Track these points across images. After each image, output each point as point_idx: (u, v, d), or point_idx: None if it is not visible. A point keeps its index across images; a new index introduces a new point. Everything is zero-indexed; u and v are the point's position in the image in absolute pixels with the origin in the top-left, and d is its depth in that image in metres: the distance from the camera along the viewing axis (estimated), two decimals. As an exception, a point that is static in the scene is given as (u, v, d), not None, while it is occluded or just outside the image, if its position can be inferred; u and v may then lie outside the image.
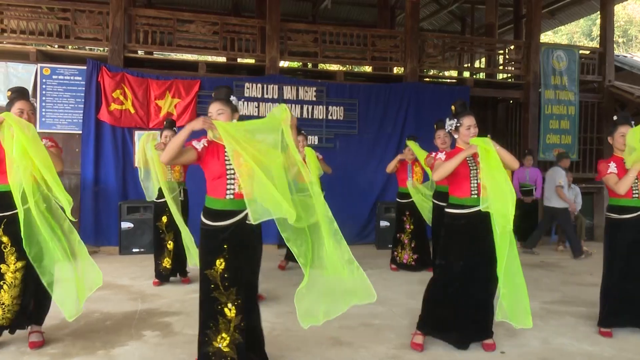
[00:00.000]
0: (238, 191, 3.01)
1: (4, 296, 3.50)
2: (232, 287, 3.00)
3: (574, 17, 13.08)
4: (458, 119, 3.76)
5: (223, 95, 3.14)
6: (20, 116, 3.53)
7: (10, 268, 3.52)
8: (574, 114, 9.72)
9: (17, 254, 3.51)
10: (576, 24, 22.19)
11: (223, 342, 2.99)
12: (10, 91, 3.65)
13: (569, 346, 3.92)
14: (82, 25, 7.71)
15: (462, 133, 3.76)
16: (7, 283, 3.51)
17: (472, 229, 3.68)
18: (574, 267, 7.03)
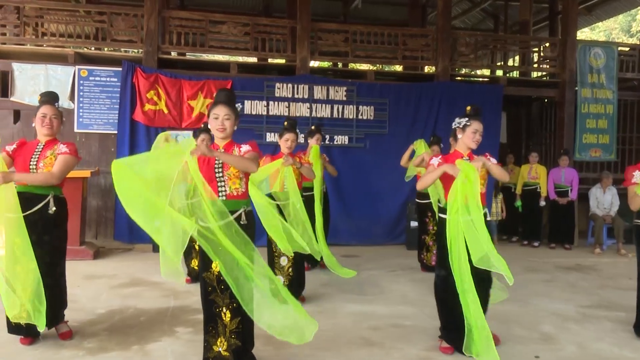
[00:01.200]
0: (229, 192, 3.07)
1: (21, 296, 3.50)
2: (227, 290, 2.98)
3: (613, 12, 12.72)
4: (469, 119, 3.71)
5: (230, 99, 3.12)
6: (43, 120, 3.66)
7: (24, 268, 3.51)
8: (612, 113, 9.44)
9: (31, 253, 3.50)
10: (614, 20, 21.58)
11: (222, 345, 3.02)
12: (40, 95, 3.78)
13: (607, 352, 3.80)
14: (117, 27, 7.89)
15: (466, 134, 3.71)
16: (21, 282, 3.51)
17: None
18: (612, 271, 6.83)
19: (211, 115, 3.10)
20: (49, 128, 3.70)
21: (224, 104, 3.08)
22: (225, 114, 3.07)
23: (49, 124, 3.69)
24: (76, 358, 3.47)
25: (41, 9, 7.73)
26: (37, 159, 3.63)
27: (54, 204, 3.64)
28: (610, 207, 8.37)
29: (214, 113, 3.08)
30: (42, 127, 3.68)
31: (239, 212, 3.08)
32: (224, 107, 3.07)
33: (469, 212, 3.45)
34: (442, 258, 3.70)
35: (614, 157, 9.51)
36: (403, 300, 5.13)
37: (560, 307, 4.89)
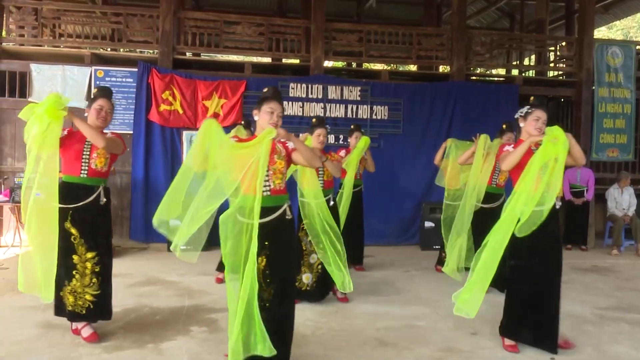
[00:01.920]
0: (273, 187, 3.06)
1: (77, 284, 3.69)
2: (272, 285, 3.00)
3: (630, 11, 12.52)
4: (531, 107, 3.71)
5: (280, 96, 3.16)
6: (99, 112, 3.75)
7: (81, 258, 3.70)
8: (630, 113, 9.30)
9: (87, 245, 3.70)
10: (632, 18, 21.27)
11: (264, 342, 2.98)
12: (96, 88, 3.91)
13: (625, 355, 3.75)
14: (133, 28, 7.96)
15: (528, 122, 3.69)
16: (80, 272, 3.69)
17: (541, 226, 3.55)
18: (630, 272, 6.73)
19: (265, 109, 3.09)
20: (104, 120, 3.80)
21: (278, 101, 3.12)
22: (280, 110, 3.11)
23: (104, 117, 3.79)
24: (92, 356, 3.51)
25: (58, 10, 7.83)
26: (90, 149, 3.75)
27: (103, 195, 3.79)
28: (628, 208, 8.26)
29: (269, 107, 3.08)
30: (98, 118, 3.76)
31: (283, 207, 3.09)
32: (279, 104, 3.11)
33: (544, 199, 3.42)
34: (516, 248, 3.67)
35: (631, 157, 9.38)
36: (417, 300, 5.11)
37: (577, 309, 4.84)
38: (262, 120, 3.10)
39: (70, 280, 3.70)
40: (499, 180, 5.42)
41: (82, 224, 3.69)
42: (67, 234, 3.68)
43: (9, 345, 3.65)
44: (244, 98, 7.90)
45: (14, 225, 7.36)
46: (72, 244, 3.69)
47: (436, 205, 8.13)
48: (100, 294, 3.75)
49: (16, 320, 4.20)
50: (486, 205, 5.33)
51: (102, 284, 3.76)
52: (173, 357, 3.54)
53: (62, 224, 3.65)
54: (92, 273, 3.72)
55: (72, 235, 3.69)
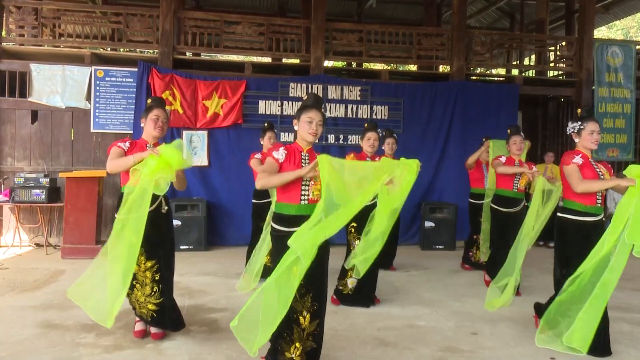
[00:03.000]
0: (312, 197, 3.03)
1: (138, 294, 3.70)
2: (308, 294, 2.97)
3: (631, 11, 12.54)
4: (582, 122, 3.71)
5: (321, 105, 3.11)
6: (156, 122, 3.73)
7: (140, 267, 3.67)
8: (630, 112, 9.31)
9: (146, 254, 3.67)
10: (632, 18, 21.27)
11: (296, 351, 2.98)
12: (150, 99, 3.90)
13: (625, 354, 3.75)
14: (133, 28, 7.96)
15: (584, 137, 3.72)
16: (140, 282, 3.68)
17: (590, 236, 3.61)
18: (629, 272, 6.69)
19: (304, 118, 3.05)
20: (161, 130, 3.78)
21: (318, 109, 3.08)
22: (319, 119, 3.07)
23: (161, 127, 3.78)
24: (92, 356, 3.51)
25: (58, 10, 7.83)
26: None
27: (165, 204, 3.82)
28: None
29: (308, 116, 3.05)
30: (155, 128, 3.74)
31: None
32: (318, 112, 3.08)
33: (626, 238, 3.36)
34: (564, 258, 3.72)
35: (631, 156, 9.39)
36: (417, 300, 5.11)
37: (577, 309, 4.82)
38: (302, 130, 3.08)
39: (132, 289, 3.69)
40: (520, 185, 5.39)
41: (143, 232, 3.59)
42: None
43: (10, 345, 3.65)
44: (244, 98, 7.91)
45: (14, 225, 7.37)
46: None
47: (436, 205, 8.15)
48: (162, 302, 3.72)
49: (17, 320, 4.20)
50: (507, 209, 5.30)
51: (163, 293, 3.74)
52: (173, 357, 3.54)
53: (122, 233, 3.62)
54: (152, 282, 3.70)
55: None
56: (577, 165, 3.68)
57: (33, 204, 7.08)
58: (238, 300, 4.92)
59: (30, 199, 6.96)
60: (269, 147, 5.40)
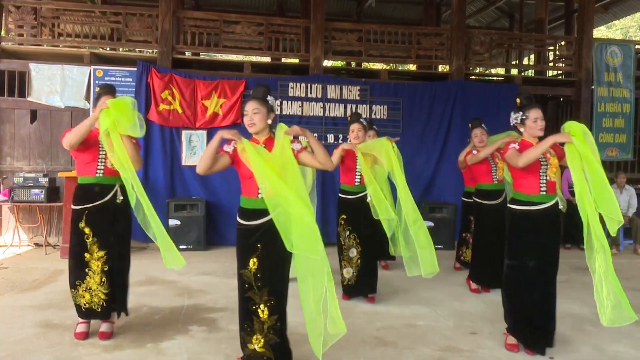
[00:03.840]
0: None
1: (90, 281, 3.73)
2: (264, 288, 2.98)
3: (630, 10, 12.53)
4: (524, 111, 3.68)
5: (260, 94, 3.12)
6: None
7: (93, 256, 3.73)
8: (629, 112, 9.31)
9: (99, 243, 3.73)
10: (631, 17, 21.26)
11: (258, 343, 3.00)
12: (99, 87, 3.90)
13: (624, 354, 3.76)
14: (132, 28, 7.95)
15: (528, 126, 3.68)
16: (92, 270, 3.73)
17: (540, 225, 3.60)
18: (628, 271, 6.74)
19: (244, 112, 3.14)
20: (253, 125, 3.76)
21: (253, 99, 3.11)
22: (253, 108, 3.08)
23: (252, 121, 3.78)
24: (92, 355, 3.51)
25: (58, 9, 7.82)
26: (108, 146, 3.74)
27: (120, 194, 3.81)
28: (627, 208, 8.27)
29: (245, 110, 3.12)
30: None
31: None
32: (252, 102, 3.10)
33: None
34: (512, 249, 3.71)
35: (630, 156, 9.39)
36: (417, 300, 5.11)
37: (576, 309, 4.84)
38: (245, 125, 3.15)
39: (83, 279, 3.74)
40: (498, 175, 5.44)
41: (97, 223, 3.72)
42: (81, 233, 3.71)
43: (9, 345, 3.65)
44: (244, 97, 7.89)
45: (13, 225, 7.36)
46: (85, 243, 3.72)
47: (435, 205, 8.15)
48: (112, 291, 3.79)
49: (16, 319, 4.20)
50: (488, 202, 5.38)
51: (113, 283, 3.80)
52: (173, 356, 3.55)
53: (77, 225, 3.71)
54: (102, 272, 3.74)
55: (86, 234, 3.72)
56: (514, 149, 3.65)
57: (32, 204, 7.08)
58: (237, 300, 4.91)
59: (30, 199, 6.96)
60: None
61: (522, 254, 3.66)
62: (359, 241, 4.87)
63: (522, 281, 3.66)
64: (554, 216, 3.66)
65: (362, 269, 4.89)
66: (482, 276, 5.45)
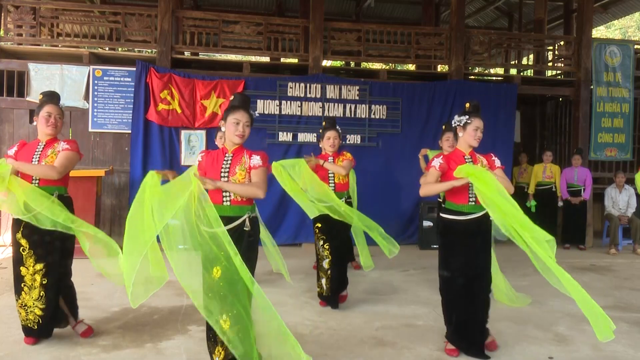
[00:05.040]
0: (233, 198, 3.05)
1: (25, 297, 3.56)
2: (228, 297, 2.91)
3: (629, 10, 12.55)
4: (469, 116, 3.62)
5: (249, 105, 3.13)
6: (48, 119, 3.61)
7: (29, 270, 3.54)
8: (628, 112, 9.32)
9: (36, 256, 3.54)
10: (630, 17, 21.30)
11: (220, 355, 2.96)
12: (41, 94, 3.71)
13: (623, 354, 3.76)
14: (131, 28, 7.95)
15: (468, 132, 3.62)
16: (28, 285, 3.55)
17: (469, 236, 3.57)
18: (628, 271, 6.74)
19: (230, 120, 3.06)
20: (54, 127, 3.64)
21: (245, 110, 3.08)
22: (246, 120, 3.07)
23: (54, 124, 3.63)
24: (90, 355, 3.51)
25: (57, 9, 7.82)
26: (39, 158, 3.59)
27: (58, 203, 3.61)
28: (626, 208, 8.28)
29: (234, 118, 3.05)
30: (47, 126, 3.61)
31: (243, 218, 3.06)
32: (245, 113, 3.07)
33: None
34: (444, 259, 3.68)
35: (629, 156, 9.40)
36: (415, 300, 5.11)
37: (575, 308, 4.81)
38: (229, 131, 3.09)
39: (20, 294, 3.58)
40: None
41: (31, 235, 3.52)
42: (17, 245, 3.56)
43: (9, 345, 3.65)
44: (243, 97, 7.89)
45: (12, 224, 7.34)
46: (21, 255, 3.55)
47: (435, 205, 8.13)
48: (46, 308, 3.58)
49: (15, 319, 4.18)
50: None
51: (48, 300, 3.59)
52: (172, 356, 3.55)
53: (14, 236, 3.55)
54: (40, 286, 3.54)
55: (22, 246, 3.54)
56: (435, 168, 3.58)
57: (31, 204, 7.06)
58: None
59: (29, 199, 6.94)
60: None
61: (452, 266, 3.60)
62: (327, 247, 4.71)
63: (453, 292, 3.64)
64: (484, 227, 3.60)
65: (334, 276, 4.71)
66: None
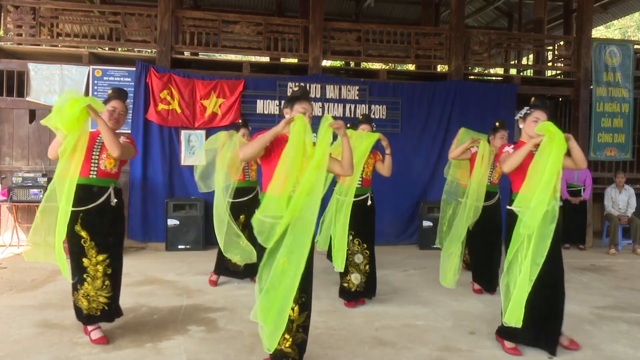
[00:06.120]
0: None
1: (88, 288, 3.68)
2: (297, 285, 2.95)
3: (629, 10, 12.53)
4: (531, 108, 3.69)
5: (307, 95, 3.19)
6: (112, 113, 3.76)
7: (92, 261, 3.66)
8: (628, 112, 9.32)
9: (97, 247, 3.66)
10: (630, 17, 21.28)
11: (285, 342, 2.98)
12: (111, 90, 3.89)
13: (623, 354, 3.76)
14: (131, 28, 7.94)
15: (527, 123, 3.68)
16: (91, 275, 3.67)
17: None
18: (627, 271, 6.75)
19: (298, 109, 3.10)
20: (116, 122, 3.80)
21: (305, 100, 3.14)
22: (311, 112, 3.13)
23: (117, 118, 3.80)
24: (90, 355, 3.51)
25: (56, 9, 7.81)
26: (100, 149, 3.74)
27: (114, 196, 3.76)
28: (626, 208, 8.28)
29: (303, 107, 3.10)
30: (110, 120, 3.74)
31: None
32: (305, 103, 3.13)
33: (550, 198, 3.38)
34: None
35: (629, 156, 9.40)
36: (415, 300, 5.12)
37: (575, 308, 4.84)
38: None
39: (82, 284, 3.69)
40: (493, 178, 5.42)
41: (92, 226, 3.65)
42: (77, 237, 3.64)
43: (8, 345, 3.65)
44: (242, 97, 7.90)
45: (12, 224, 7.36)
46: (82, 247, 3.65)
47: (434, 205, 8.14)
48: (113, 296, 3.77)
49: (15, 319, 4.19)
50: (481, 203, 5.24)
51: (114, 287, 3.78)
52: (171, 356, 3.54)
53: (72, 227, 3.61)
54: (104, 276, 3.70)
55: (82, 238, 3.64)
56: (507, 153, 3.71)
57: (31, 204, 7.07)
58: (236, 300, 4.92)
59: (28, 199, 6.96)
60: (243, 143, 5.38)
61: None
62: (365, 247, 4.75)
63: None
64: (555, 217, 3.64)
65: (371, 275, 4.80)
66: (480, 279, 5.43)
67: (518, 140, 3.86)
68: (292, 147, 2.92)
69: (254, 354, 3.59)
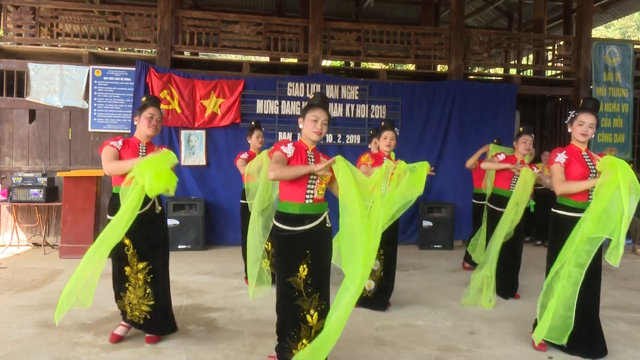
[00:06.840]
0: (317, 196, 3.05)
1: (131, 296, 3.66)
2: (316, 293, 3.01)
3: (629, 10, 12.55)
4: (577, 111, 3.67)
5: (327, 104, 3.13)
6: (150, 120, 3.70)
7: (133, 269, 3.64)
8: (628, 112, 9.32)
9: (139, 255, 3.64)
10: (630, 17, 21.27)
11: (303, 348, 2.99)
12: (145, 98, 3.87)
13: (623, 354, 3.76)
14: (131, 28, 7.95)
15: (573, 127, 3.69)
16: (132, 284, 3.65)
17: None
18: (627, 271, 6.74)
19: (310, 117, 3.05)
20: (154, 129, 3.75)
21: (325, 109, 3.09)
22: (325, 118, 3.07)
23: (155, 125, 3.75)
24: (90, 355, 3.51)
25: (56, 9, 7.81)
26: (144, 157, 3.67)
27: (159, 204, 3.77)
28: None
29: (314, 115, 3.05)
30: (149, 127, 3.71)
31: (324, 214, 3.09)
32: (325, 112, 3.08)
33: None
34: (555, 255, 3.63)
35: (629, 156, 9.40)
36: (415, 299, 5.11)
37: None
38: (307, 128, 3.08)
39: (125, 292, 3.68)
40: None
41: (136, 233, 3.57)
42: (121, 244, 3.57)
43: (8, 345, 3.64)
44: (242, 97, 7.90)
45: (12, 224, 7.36)
46: (125, 255, 3.62)
47: (434, 205, 8.16)
48: (155, 304, 3.69)
49: (15, 319, 4.19)
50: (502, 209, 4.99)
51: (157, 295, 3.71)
52: (171, 356, 3.54)
53: None
54: (144, 284, 3.66)
55: (126, 246, 3.61)
56: (560, 164, 3.65)
57: (31, 204, 7.07)
58: (236, 300, 4.92)
59: (28, 199, 6.95)
60: (257, 145, 5.40)
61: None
62: (382, 252, 4.62)
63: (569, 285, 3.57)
64: None
65: (384, 282, 4.69)
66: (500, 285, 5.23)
67: (570, 144, 3.80)
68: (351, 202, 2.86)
69: (254, 354, 3.59)
